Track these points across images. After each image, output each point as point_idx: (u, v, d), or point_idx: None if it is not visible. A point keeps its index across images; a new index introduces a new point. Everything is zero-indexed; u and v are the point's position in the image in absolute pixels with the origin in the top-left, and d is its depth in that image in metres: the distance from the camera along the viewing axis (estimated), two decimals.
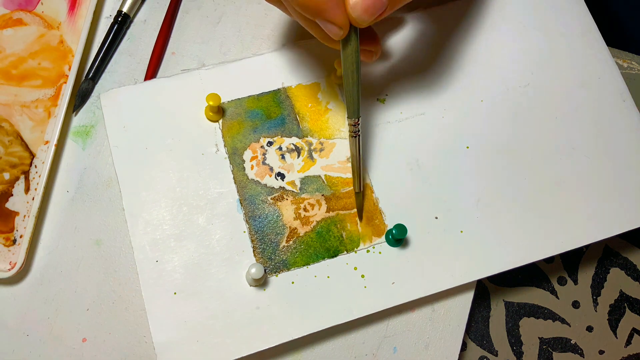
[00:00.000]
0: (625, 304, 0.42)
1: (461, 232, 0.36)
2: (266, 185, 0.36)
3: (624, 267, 0.42)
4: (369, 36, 0.31)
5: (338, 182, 0.37)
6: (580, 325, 0.41)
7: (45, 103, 0.38)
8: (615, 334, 0.41)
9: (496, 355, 0.40)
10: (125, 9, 0.40)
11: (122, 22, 0.40)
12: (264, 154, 0.37)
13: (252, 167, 0.36)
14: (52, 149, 0.36)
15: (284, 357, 0.36)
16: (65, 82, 0.38)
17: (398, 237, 0.34)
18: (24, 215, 0.36)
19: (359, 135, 0.32)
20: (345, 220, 0.36)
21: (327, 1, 0.27)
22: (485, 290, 0.41)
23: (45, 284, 0.36)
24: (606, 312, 0.41)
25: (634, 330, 0.41)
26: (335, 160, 0.37)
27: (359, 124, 0.32)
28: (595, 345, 0.41)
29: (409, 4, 0.34)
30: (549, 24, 0.41)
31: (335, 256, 0.35)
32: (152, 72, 0.39)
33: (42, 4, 0.40)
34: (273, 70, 0.38)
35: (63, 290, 0.35)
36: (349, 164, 0.37)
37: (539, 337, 0.41)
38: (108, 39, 0.39)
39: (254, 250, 0.35)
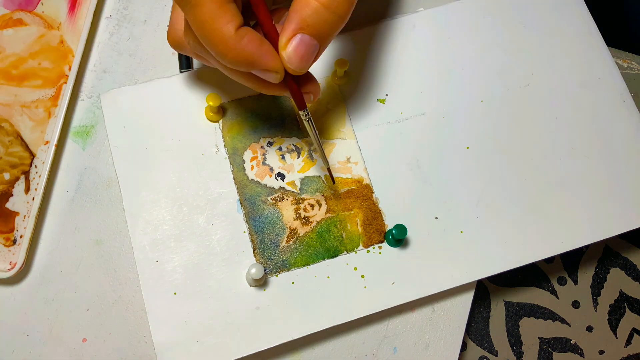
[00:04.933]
0: (625, 304, 0.42)
1: (461, 232, 0.36)
2: (266, 185, 0.36)
3: (624, 267, 0.42)
4: (306, 79, 0.31)
5: (338, 182, 0.37)
6: (580, 325, 0.41)
7: (45, 103, 0.38)
8: (615, 334, 0.41)
9: (496, 355, 0.40)
10: None
11: None
12: (264, 154, 0.37)
13: (252, 168, 0.36)
14: (52, 149, 0.36)
15: (284, 357, 0.36)
16: (66, 82, 0.38)
17: (398, 237, 0.34)
18: (24, 216, 0.36)
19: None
20: (346, 220, 0.36)
21: (260, 52, 0.27)
22: (485, 290, 0.41)
23: (45, 284, 0.36)
24: (606, 312, 0.41)
25: (634, 330, 0.41)
26: (335, 160, 0.37)
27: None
28: (595, 345, 0.41)
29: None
30: (549, 24, 0.41)
31: (335, 256, 0.35)
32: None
33: (42, 4, 0.40)
34: None
35: (63, 290, 0.35)
36: (349, 164, 0.37)
37: (539, 337, 0.41)
38: None
39: (254, 251, 0.35)
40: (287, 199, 0.36)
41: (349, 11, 0.28)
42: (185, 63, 0.39)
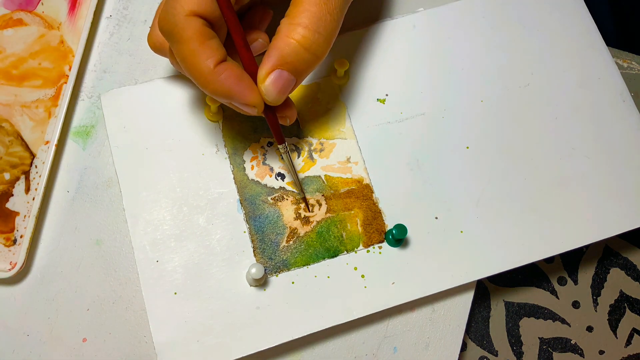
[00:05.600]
0: (625, 304, 0.42)
1: (461, 232, 0.36)
2: (266, 185, 0.36)
3: (624, 267, 0.42)
4: (284, 104, 0.32)
5: (338, 182, 0.37)
6: (580, 325, 0.41)
7: (45, 103, 0.38)
8: (615, 334, 0.41)
9: (496, 355, 0.40)
10: None
11: None
12: (264, 154, 0.37)
13: (252, 168, 0.36)
14: (53, 149, 0.36)
15: (284, 357, 0.36)
16: (66, 82, 0.38)
17: (398, 237, 0.34)
18: (25, 215, 0.36)
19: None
20: (346, 220, 0.36)
21: (238, 87, 0.29)
22: (485, 290, 0.41)
23: (45, 284, 0.36)
24: (606, 312, 0.41)
25: (634, 330, 0.41)
26: (335, 160, 0.37)
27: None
28: (595, 345, 0.41)
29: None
30: (549, 24, 0.41)
31: (336, 256, 0.35)
32: None
33: (42, 4, 0.40)
34: None
35: (63, 290, 0.35)
36: (349, 164, 0.37)
37: (539, 337, 0.41)
38: None
39: (254, 250, 0.35)
40: (287, 199, 0.36)
41: (325, 52, 0.30)
42: None
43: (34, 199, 0.36)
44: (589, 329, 0.41)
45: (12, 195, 0.36)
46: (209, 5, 0.28)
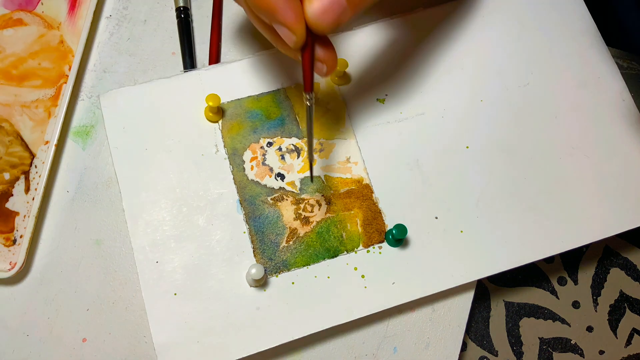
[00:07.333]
0: (625, 304, 0.42)
1: (461, 232, 0.36)
2: (266, 185, 0.36)
3: (624, 267, 0.42)
4: (323, 46, 0.29)
5: (338, 182, 0.37)
6: (580, 325, 0.41)
7: (45, 103, 0.38)
8: (615, 334, 0.41)
9: (496, 355, 0.40)
10: (181, 4, 0.41)
11: (185, 15, 0.40)
12: (264, 155, 0.37)
13: (252, 168, 0.36)
14: (52, 149, 0.36)
15: (284, 357, 0.36)
16: (66, 82, 0.38)
17: (398, 237, 0.34)
18: (24, 215, 0.36)
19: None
20: (346, 220, 0.36)
21: (282, 4, 0.26)
22: (485, 290, 0.41)
23: (45, 284, 0.36)
24: (606, 312, 0.41)
25: (634, 330, 0.41)
26: (335, 160, 0.37)
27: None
28: (595, 345, 0.41)
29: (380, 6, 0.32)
30: (549, 23, 0.41)
31: (336, 256, 0.35)
32: (215, 57, 0.40)
33: (42, 4, 0.40)
34: (273, 70, 0.38)
35: (63, 290, 0.35)
36: (349, 164, 0.37)
37: (539, 337, 0.41)
38: (184, 32, 0.40)
39: (254, 251, 0.35)
40: (287, 199, 0.36)
41: None
42: (189, 63, 0.39)
43: (33, 199, 0.36)
44: (589, 329, 0.41)
45: (12, 195, 0.36)
46: None
